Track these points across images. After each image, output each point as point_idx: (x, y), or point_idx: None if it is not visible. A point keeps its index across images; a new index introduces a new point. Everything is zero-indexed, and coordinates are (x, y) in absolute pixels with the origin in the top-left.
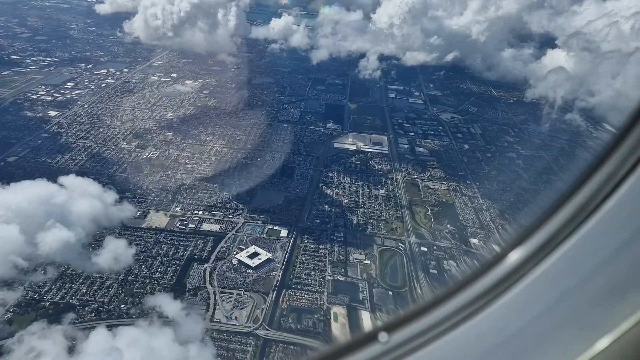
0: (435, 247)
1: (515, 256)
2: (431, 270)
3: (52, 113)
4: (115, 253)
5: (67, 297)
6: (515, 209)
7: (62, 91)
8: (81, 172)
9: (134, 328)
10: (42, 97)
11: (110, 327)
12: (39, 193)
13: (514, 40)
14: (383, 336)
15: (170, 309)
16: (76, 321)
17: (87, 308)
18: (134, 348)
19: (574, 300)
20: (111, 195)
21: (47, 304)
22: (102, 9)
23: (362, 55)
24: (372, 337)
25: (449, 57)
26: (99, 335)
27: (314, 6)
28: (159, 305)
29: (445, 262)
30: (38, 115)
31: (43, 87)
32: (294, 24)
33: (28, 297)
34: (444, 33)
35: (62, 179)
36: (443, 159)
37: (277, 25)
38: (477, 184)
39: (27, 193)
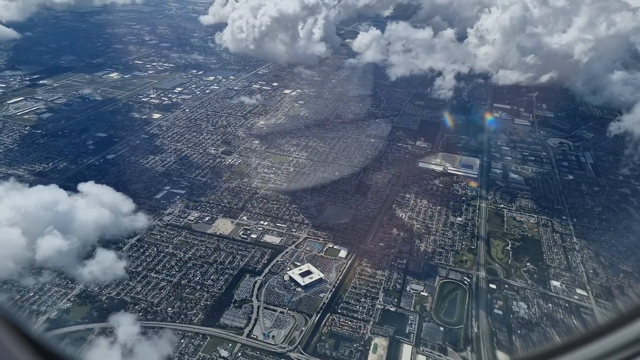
0: (506, 286)
1: None
2: (495, 310)
3: (156, 115)
4: (104, 265)
5: (122, 294)
6: (616, 253)
7: (170, 95)
8: (165, 174)
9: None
10: (151, 100)
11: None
12: (50, 199)
13: (630, 61)
14: None
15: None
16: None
17: (136, 307)
18: None
19: None
20: (127, 205)
21: (104, 297)
22: (205, 20)
23: (463, 73)
24: None
25: (544, 77)
26: None
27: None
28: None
29: (514, 303)
30: (143, 117)
31: (155, 90)
32: (390, 40)
33: (89, 290)
34: (542, 52)
35: (82, 186)
36: (539, 188)
37: (374, 38)
38: (574, 220)
39: (38, 198)
